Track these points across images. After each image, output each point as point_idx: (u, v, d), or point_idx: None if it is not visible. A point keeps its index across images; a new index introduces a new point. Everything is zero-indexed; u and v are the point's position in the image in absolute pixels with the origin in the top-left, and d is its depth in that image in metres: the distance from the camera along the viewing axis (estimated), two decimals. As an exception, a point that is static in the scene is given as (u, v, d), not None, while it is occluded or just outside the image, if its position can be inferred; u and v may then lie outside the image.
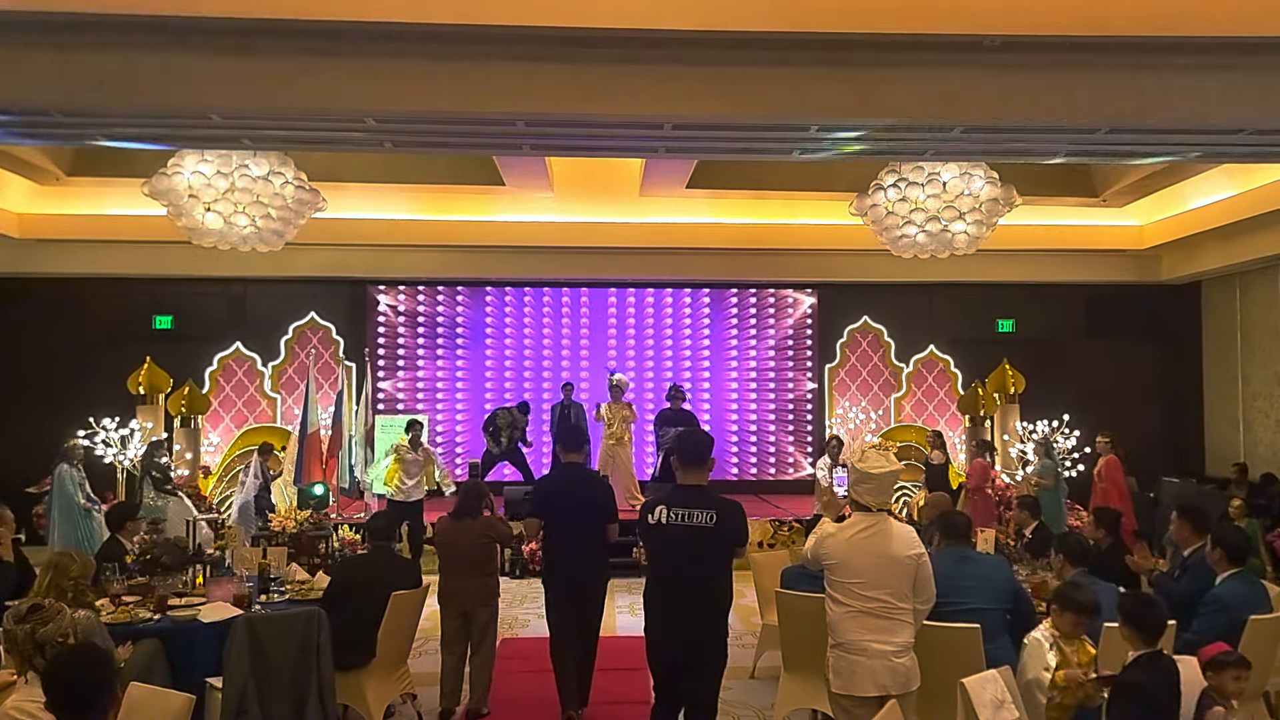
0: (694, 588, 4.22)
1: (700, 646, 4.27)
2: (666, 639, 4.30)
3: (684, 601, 4.22)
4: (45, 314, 12.63)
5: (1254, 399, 12.31)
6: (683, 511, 4.20)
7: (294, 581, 5.97)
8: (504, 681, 6.36)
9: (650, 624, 4.40)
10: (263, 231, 8.61)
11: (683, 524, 4.18)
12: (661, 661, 4.36)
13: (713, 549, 4.23)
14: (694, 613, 4.23)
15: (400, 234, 11.92)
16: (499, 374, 13.53)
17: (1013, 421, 12.03)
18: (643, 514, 4.34)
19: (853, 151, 7.01)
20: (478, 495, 6.07)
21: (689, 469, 4.34)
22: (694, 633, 4.24)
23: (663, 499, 4.30)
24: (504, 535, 6.09)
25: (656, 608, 4.36)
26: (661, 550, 4.29)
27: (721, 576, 4.31)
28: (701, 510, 4.20)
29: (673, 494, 4.32)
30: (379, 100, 5.88)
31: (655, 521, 4.23)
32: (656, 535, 4.24)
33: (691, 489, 4.31)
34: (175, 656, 4.92)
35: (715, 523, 4.19)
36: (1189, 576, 5.14)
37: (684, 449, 4.41)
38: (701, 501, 4.24)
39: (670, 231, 12.04)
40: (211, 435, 12.47)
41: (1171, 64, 5.90)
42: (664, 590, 4.31)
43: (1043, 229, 12.12)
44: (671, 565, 4.25)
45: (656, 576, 4.37)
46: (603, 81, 5.89)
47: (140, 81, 5.69)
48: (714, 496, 4.34)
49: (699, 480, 4.35)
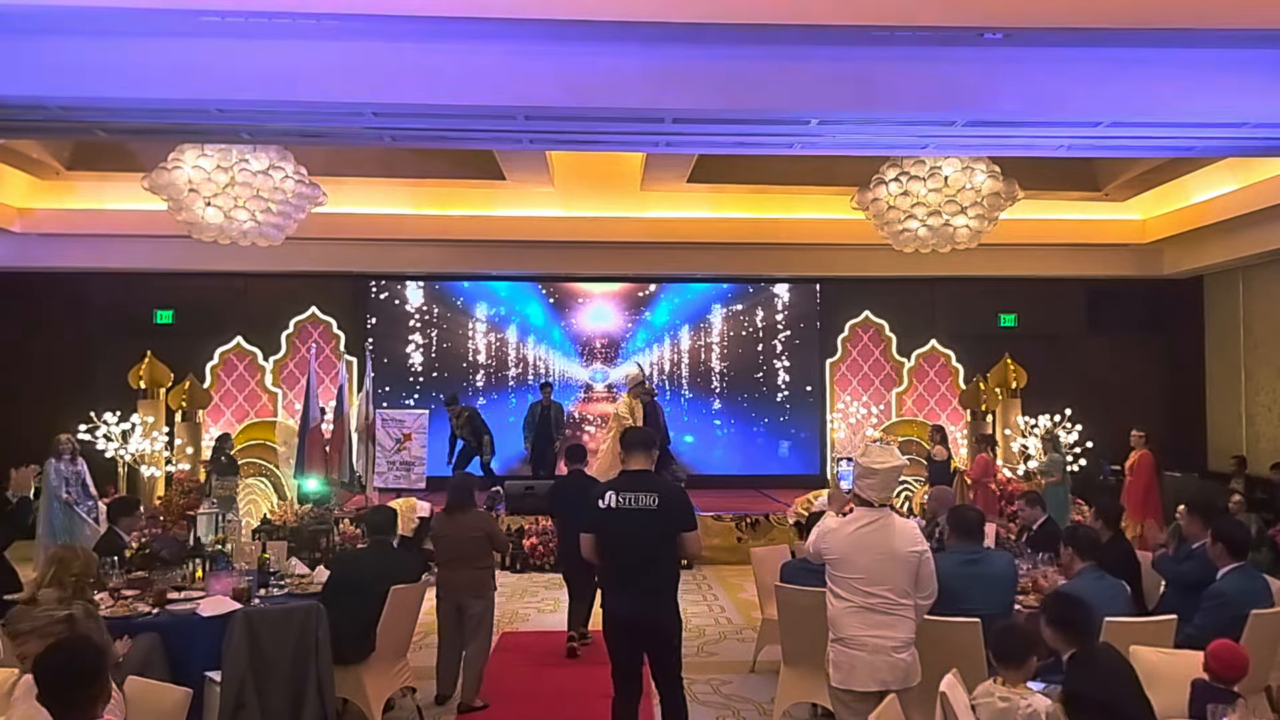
0: (646, 565, 4.47)
1: (658, 619, 4.49)
2: (627, 615, 4.48)
3: (638, 579, 4.46)
4: (46, 309, 12.65)
5: (1256, 393, 12.28)
6: (630, 495, 4.46)
7: (293, 576, 5.97)
8: (504, 675, 6.36)
9: (609, 603, 4.59)
10: (263, 226, 8.60)
11: (631, 507, 4.44)
12: (622, 641, 4.53)
13: (658, 529, 4.45)
14: (648, 589, 4.47)
15: (401, 228, 11.91)
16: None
17: (1014, 416, 12.01)
18: (593, 499, 4.56)
19: (854, 143, 6.99)
20: (467, 488, 6.20)
21: (632, 455, 4.63)
22: (651, 608, 4.47)
23: (612, 485, 4.57)
24: (501, 543, 6.26)
25: (614, 587, 4.59)
26: (614, 533, 4.48)
27: (669, 555, 4.53)
28: (646, 493, 4.46)
29: (620, 480, 4.59)
30: (378, 92, 5.86)
31: (606, 506, 4.47)
32: (609, 519, 4.46)
33: (637, 474, 4.58)
34: (174, 650, 4.90)
35: (658, 504, 4.44)
36: (1194, 561, 5.19)
37: (627, 438, 4.75)
38: (646, 485, 4.51)
39: (671, 226, 12.03)
40: (213, 429, 12.44)
41: (1174, 57, 5.88)
42: (619, 570, 4.52)
43: (1045, 223, 12.09)
44: (624, 546, 4.47)
45: (611, 558, 4.55)
46: (603, 75, 5.87)
47: (138, 74, 5.68)
48: (657, 481, 4.65)
49: (645, 465, 4.62)
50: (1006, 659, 3.50)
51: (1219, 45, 5.78)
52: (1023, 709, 3.34)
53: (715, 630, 7.76)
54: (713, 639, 7.48)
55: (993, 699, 3.41)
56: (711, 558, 10.16)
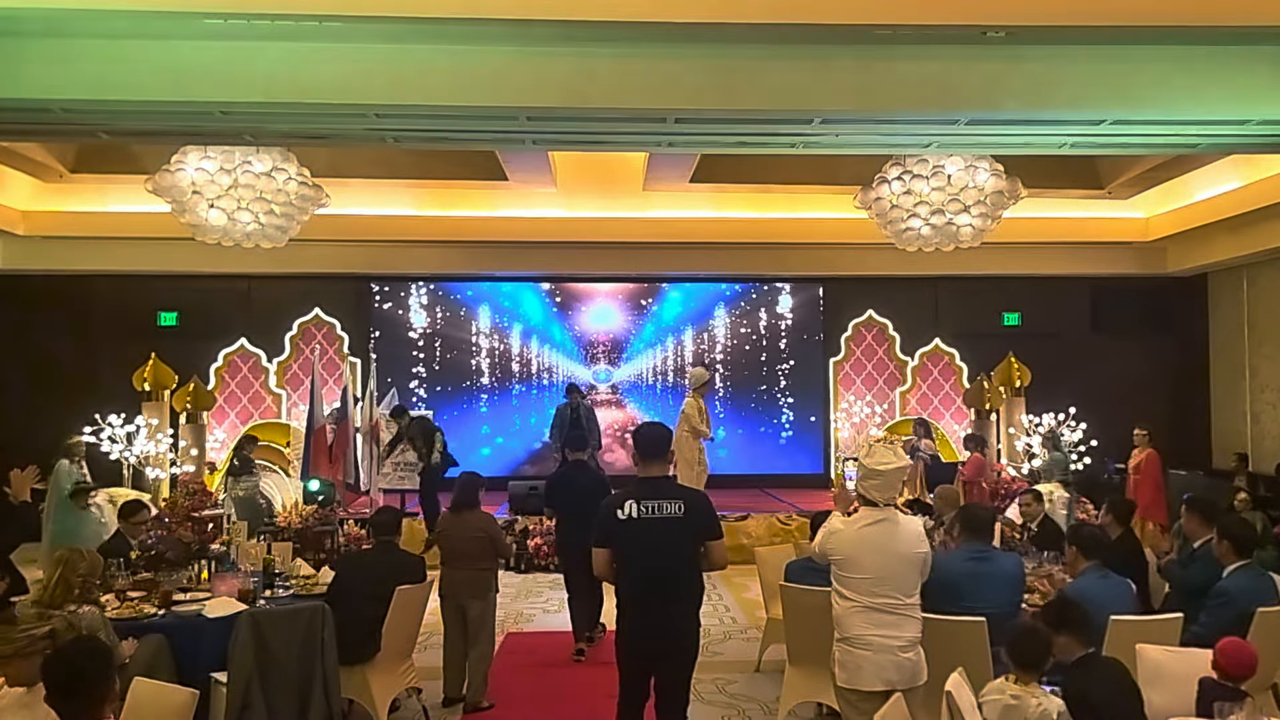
0: (670, 579, 4.15)
1: (680, 637, 4.19)
2: (646, 633, 4.15)
3: (661, 594, 4.13)
4: (49, 311, 12.67)
5: (1261, 391, 12.26)
6: (652, 504, 4.13)
7: (298, 576, 5.97)
8: (509, 675, 6.37)
9: (627, 620, 4.22)
10: (266, 227, 8.60)
11: (654, 516, 4.12)
12: (636, 658, 4.22)
13: (684, 538, 4.16)
14: (671, 604, 4.16)
15: (404, 229, 11.90)
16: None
17: (1018, 414, 11.99)
18: (610, 510, 4.19)
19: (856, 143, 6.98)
20: (473, 487, 6.21)
21: (650, 461, 4.27)
22: (673, 625, 4.16)
23: (629, 493, 4.19)
24: (503, 547, 6.21)
25: (634, 603, 4.20)
26: (634, 544, 4.14)
27: (694, 567, 4.22)
28: (670, 501, 4.15)
29: (639, 487, 4.22)
30: (381, 94, 5.87)
31: (626, 516, 4.12)
32: (628, 530, 4.13)
33: (657, 480, 4.25)
34: (180, 652, 4.90)
35: (684, 512, 4.14)
36: (1197, 565, 5.17)
37: (644, 442, 4.30)
38: (668, 493, 4.21)
39: (674, 226, 12.02)
40: (217, 431, 12.47)
41: (1176, 54, 5.86)
42: (641, 584, 4.17)
43: (1048, 221, 12.06)
44: (646, 559, 4.14)
45: (632, 572, 4.20)
46: (606, 75, 5.87)
47: (141, 76, 5.69)
48: (679, 486, 4.37)
49: (661, 472, 4.30)
50: (1024, 662, 3.47)
51: (1221, 42, 5.78)
52: (1033, 708, 3.33)
53: (720, 630, 7.75)
54: (718, 638, 7.48)
55: (1003, 697, 3.40)
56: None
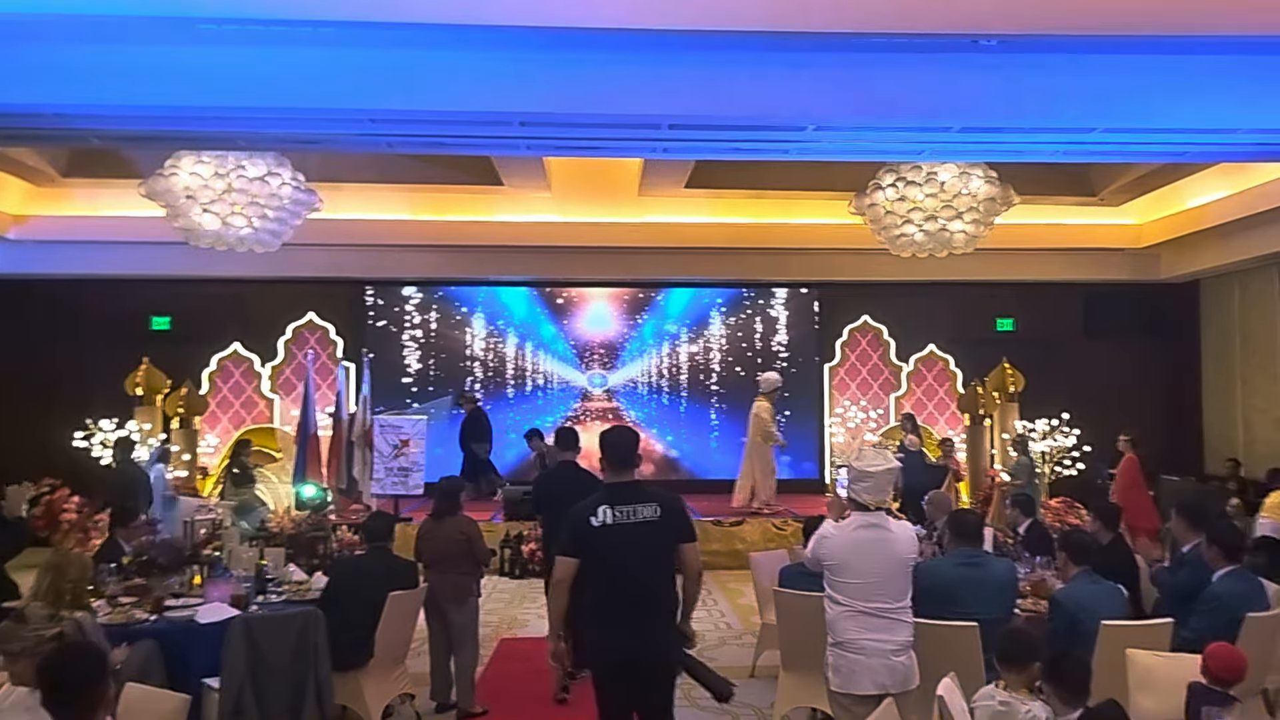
0: (648, 587, 3.94)
1: (665, 655, 3.98)
2: (626, 651, 3.90)
3: (639, 603, 3.92)
4: (41, 315, 12.63)
5: (1252, 397, 12.31)
6: (627, 508, 3.91)
7: (291, 582, 5.97)
8: (502, 682, 6.36)
9: (602, 633, 3.95)
10: (260, 232, 8.61)
11: (630, 521, 3.91)
12: (620, 686, 3.95)
13: (662, 544, 3.98)
14: (650, 614, 3.94)
15: (398, 234, 11.91)
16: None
17: (1012, 420, 12.04)
18: (582, 517, 3.93)
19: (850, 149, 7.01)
20: (451, 493, 6.19)
21: (620, 471, 4.06)
22: (653, 636, 3.93)
23: (601, 499, 3.96)
24: (482, 552, 6.08)
25: (609, 614, 3.92)
26: (612, 553, 3.89)
27: (671, 574, 4.05)
28: (644, 504, 3.94)
29: (610, 492, 3.99)
30: (376, 99, 5.87)
31: (601, 523, 3.89)
32: (602, 537, 3.89)
33: (627, 485, 4.03)
34: (172, 657, 4.91)
35: (660, 514, 3.95)
36: (1186, 570, 5.18)
37: (614, 450, 4.06)
38: (642, 495, 3.99)
39: (669, 231, 12.04)
40: (209, 436, 12.46)
41: (1166, 64, 5.89)
42: (617, 594, 3.92)
43: (1041, 228, 12.11)
44: (622, 566, 3.90)
45: (607, 581, 3.93)
46: (600, 81, 5.89)
47: (134, 81, 5.68)
48: (653, 490, 4.12)
49: (629, 476, 4.08)
50: (1009, 661, 3.50)
51: (1211, 52, 5.80)
52: (1023, 714, 3.34)
53: (714, 635, 7.75)
54: (712, 643, 7.47)
55: (992, 702, 3.42)
56: (710, 563, 10.14)
